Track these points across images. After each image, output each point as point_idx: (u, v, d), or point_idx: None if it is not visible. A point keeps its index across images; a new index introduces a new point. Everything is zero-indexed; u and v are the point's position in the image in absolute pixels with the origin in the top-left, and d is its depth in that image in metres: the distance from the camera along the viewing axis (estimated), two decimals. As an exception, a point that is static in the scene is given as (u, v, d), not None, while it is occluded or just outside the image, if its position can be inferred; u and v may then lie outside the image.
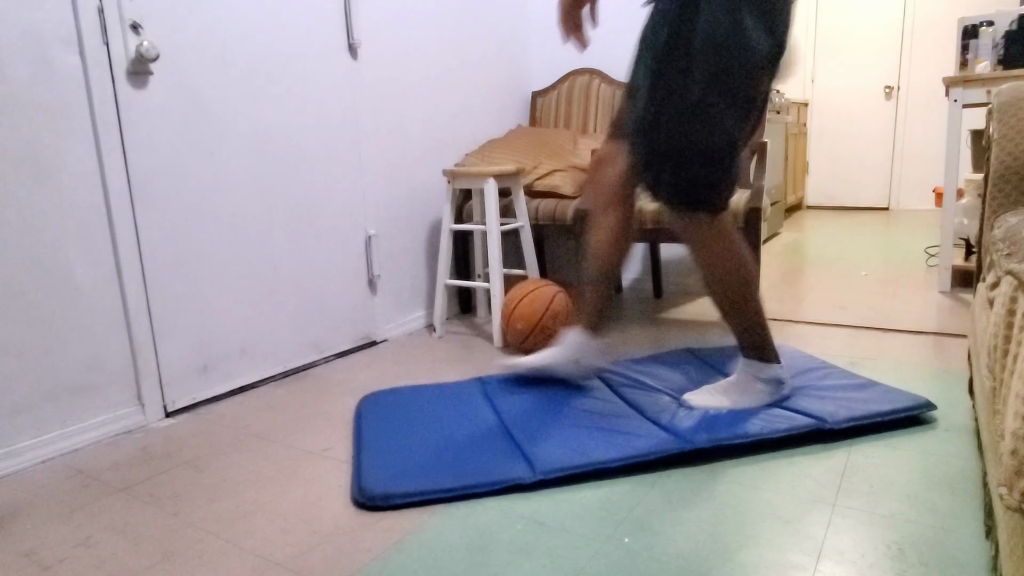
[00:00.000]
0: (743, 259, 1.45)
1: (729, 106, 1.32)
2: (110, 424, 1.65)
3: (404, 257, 2.51)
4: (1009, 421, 0.68)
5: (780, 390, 1.53)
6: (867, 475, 1.29)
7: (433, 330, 2.52)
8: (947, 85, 2.59)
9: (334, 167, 2.19)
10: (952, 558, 1.02)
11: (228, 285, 1.90)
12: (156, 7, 1.67)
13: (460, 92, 2.75)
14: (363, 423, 1.59)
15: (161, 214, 1.72)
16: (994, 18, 2.66)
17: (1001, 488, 0.67)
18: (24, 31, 1.44)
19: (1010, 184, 1.38)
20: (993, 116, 1.42)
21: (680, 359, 1.95)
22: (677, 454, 1.36)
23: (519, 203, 2.45)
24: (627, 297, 2.96)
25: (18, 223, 1.46)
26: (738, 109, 1.34)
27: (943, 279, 2.73)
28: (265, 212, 1.98)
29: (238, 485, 1.37)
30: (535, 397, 1.68)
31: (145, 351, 1.70)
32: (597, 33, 3.00)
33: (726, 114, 1.33)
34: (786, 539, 1.10)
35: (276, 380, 2.03)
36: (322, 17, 2.11)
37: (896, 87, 5.65)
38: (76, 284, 1.57)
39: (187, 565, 1.10)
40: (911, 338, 2.14)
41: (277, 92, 1.99)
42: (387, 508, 1.24)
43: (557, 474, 1.29)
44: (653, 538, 1.12)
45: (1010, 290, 0.87)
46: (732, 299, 1.47)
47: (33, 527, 1.24)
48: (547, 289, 2.14)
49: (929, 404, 1.51)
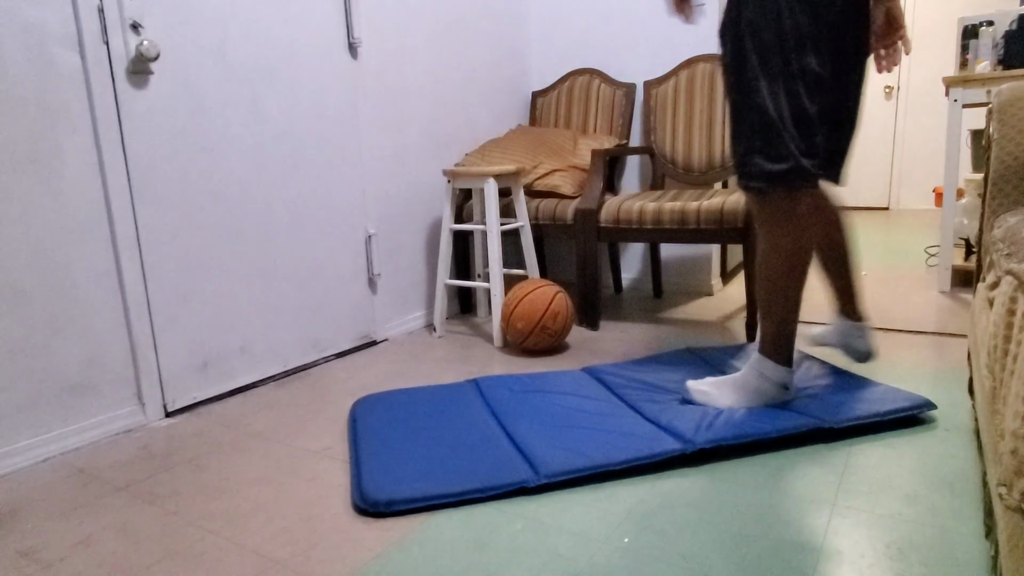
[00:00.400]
0: (801, 252, 1.44)
1: (772, 81, 1.39)
2: (110, 423, 1.65)
3: (404, 257, 2.51)
4: (1009, 421, 0.68)
5: (784, 395, 1.54)
6: (867, 475, 1.29)
7: (433, 330, 2.52)
8: (947, 85, 2.59)
9: (334, 166, 2.19)
10: (952, 558, 1.03)
11: (228, 284, 1.90)
12: (156, 7, 1.67)
13: (460, 92, 2.75)
14: (359, 427, 1.57)
15: (161, 213, 1.72)
16: (994, 18, 2.66)
17: (1001, 488, 0.67)
18: (24, 30, 1.44)
19: (1010, 184, 1.38)
20: (993, 116, 1.42)
21: (680, 359, 1.95)
22: (678, 455, 1.36)
23: (519, 203, 2.45)
24: (627, 297, 2.96)
25: (18, 221, 1.46)
26: (784, 84, 1.39)
27: (943, 279, 2.73)
28: (265, 211, 1.98)
29: (238, 484, 1.37)
30: (531, 399, 1.68)
31: (145, 350, 1.70)
32: (597, 33, 3.00)
33: (770, 89, 1.40)
34: (786, 539, 1.10)
35: (276, 379, 2.03)
36: (322, 16, 2.11)
37: (896, 87, 5.65)
38: (76, 283, 1.57)
39: (187, 564, 1.10)
40: (911, 338, 2.14)
41: (277, 91, 1.99)
42: (390, 515, 1.23)
43: (561, 477, 1.29)
44: (653, 538, 1.12)
45: (1010, 290, 0.87)
46: (776, 286, 1.47)
47: (33, 526, 1.24)
48: (547, 289, 2.15)
49: (929, 403, 1.51)
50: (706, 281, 2.93)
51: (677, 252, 2.98)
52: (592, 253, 2.37)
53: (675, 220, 2.22)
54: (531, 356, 2.14)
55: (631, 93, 2.85)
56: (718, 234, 2.17)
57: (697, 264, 2.94)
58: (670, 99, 2.72)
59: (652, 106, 2.78)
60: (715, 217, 2.15)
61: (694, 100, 2.66)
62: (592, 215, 2.34)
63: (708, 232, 2.18)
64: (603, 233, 2.37)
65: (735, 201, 2.13)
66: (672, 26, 2.82)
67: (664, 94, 2.74)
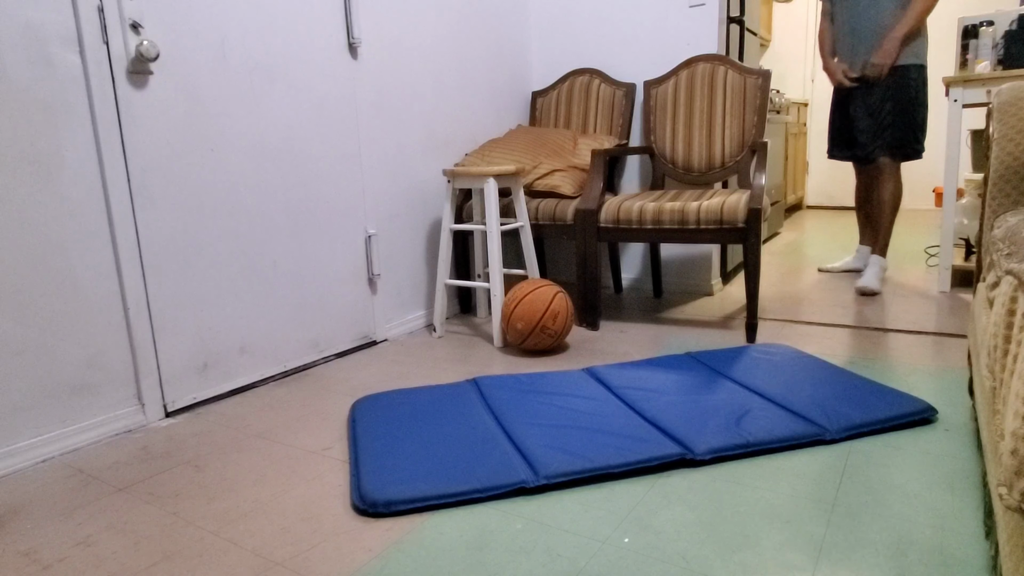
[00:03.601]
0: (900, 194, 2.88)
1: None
2: (110, 423, 1.65)
3: (404, 256, 2.51)
4: (1009, 421, 0.68)
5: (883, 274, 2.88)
6: (867, 475, 1.29)
7: (433, 330, 2.52)
8: (947, 85, 2.59)
9: (334, 166, 2.19)
10: (952, 558, 1.03)
11: (228, 284, 1.90)
12: (156, 6, 1.67)
13: (460, 92, 2.75)
14: (358, 427, 1.57)
15: (161, 213, 1.72)
16: (994, 18, 2.66)
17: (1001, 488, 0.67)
18: (24, 30, 1.44)
19: (1010, 184, 1.38)
20: (993, 116, 1.42)
21: (680, 361, 1.95)
22: (678, 458, 1.36)
23: (519, 203, 2.45)
24: (627, 297, 2.96)
25: (18, 221, 1.46)
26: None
27: (943, 279, 2.73)
28: (265, 211, 1.98)
29: (238, 485, 1.37)
30: (531, 399, 1.68)
31: (145, 350, 1.70)
32: (597, 33, 3.00)
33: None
34: (786, 539, 1.10)
35: (276, 379, 2.03)
36: (322, 16, 2.11)
37: (896, 87, 5.64)
38: (76, 282, 1.57)
39: (187, 564, 1.10)
40: (911, 338, 2.14)
41: (277, 91, 1.99)
42: (390, 515, 1.23)
43: (561, 479, 1.29)
44: (653, 538, 1.12)
45: (1010, 290, 0.87)
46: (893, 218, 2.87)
47: (33, 526, 1.24)
48: (547, 289, 2.14)
49: (931, 409, 1.50)
50: (706, 281, 2.93)
51: (677, 252, 2.98)
52: (592, 253, 2.37)
53: (675, 220, 2.22)
54: (531, 356, 2.14)
55: (631, 93, 2.84)
56: (718, 234, 2.17)
57: (697, 264, 2.94)
58: (670, 99, 2.72)
59: (652, 106, 2.78)
60: (715, 217, 2.15)
61: (694, 100, 2.66)
62: (592, 215, 2.34)
63: (708, 232, 2.18)
64: (603, 233, 2.37)
65: (735, 201, 2.13)
66: (672, 26, 2.82)
67: (664, 94, 2.74)
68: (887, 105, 2.73)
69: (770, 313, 2.53)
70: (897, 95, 2.70)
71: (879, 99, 2.75)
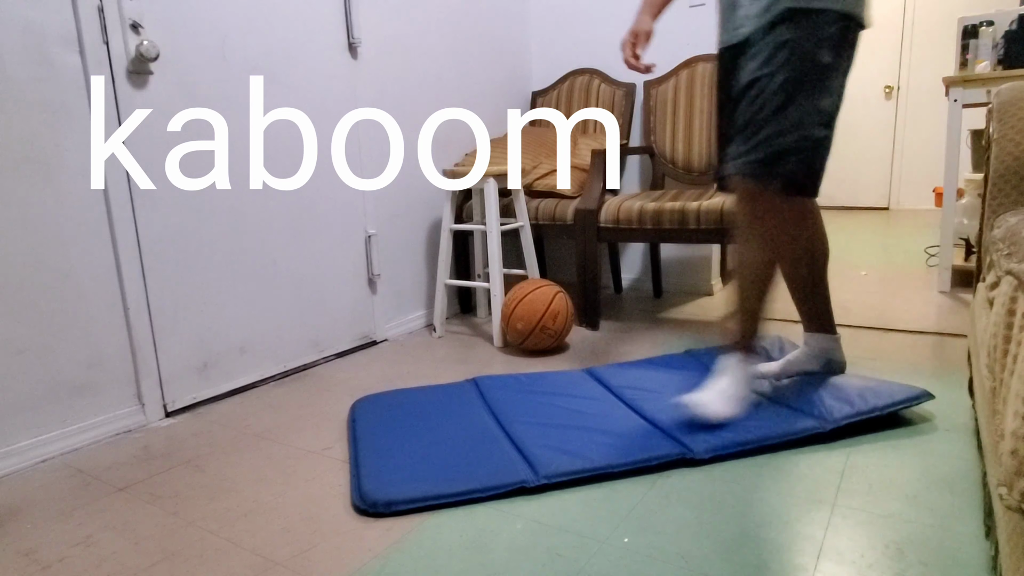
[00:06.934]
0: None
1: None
2: (110, 423, 1.65)
3: (404, 257, 2.51)
4: (1009, 421, 0.68)
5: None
6: (867, 475, 1.29)
7: (433, 330, 2.52)
8: (947, 85, 2.59)
9: (334, 166, 2.19)
10: (952, 558, 1.03)
11: (228, 284, 1.90)
12: (156, 7, 1.67)
13: (460, 92, 2.75)
14: (358, 427, 1.57)
15: (161, 213, 1.72)
16: (994, 18, 2.66)
17: (1001, 488, 0.67)
18: (24, 30, 1.44)
19: (1010, 184, 1.38)
20: (993, 116, 1.42)
21: (680, 360, 1.95)
22: (678, 458, 1.36)
23: (519, 203, 2.45)
24: (627, 297, 2.96)
25: (18, 221, 1.46)
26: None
27: (943, 279, 2.73)
28: (265, 211, 1.98)
29: (238, 485, 1.37)
30: (531, 399, 1.68)
31: (145, 350, 1.70)
32: (596, 33, 3.00)
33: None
34: (786, 539, 1.10)
35: (276, 379, 2.03)
36: (322, 16, 2.11)
37: (896, 87, 5.65)
38: (76, 282, 1.57)
39: (187, 564, 1.10)
40: (911, 338, 2.14)
41: (277, 91, 1.99)
42: (390, 515, 1.23)
43: (561, 478, 1.29)
44: (653, 538, 1.12)
45: (1010, 290, 0.87)
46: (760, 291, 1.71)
47: (33, 526, 1.24)
48: (547, 289, 2.15)
49: (927, 394, 1.51)
50: (706, 281, 2.93)
51: (677, 252, 2.98)
52: (592, 253, 2.37)
53: (675, 220, 2.22)
54: (531, 356, 2.14)
55: (631, 93, 2.84)
56: (718, 234, 2.17)
57: (697, 264, 2.94)
58: (670, 99, 2.72)
59: (652, 106, 2.78)
60: (715, 217, 2.15)
61: (694, 100, 2.66)
62: (592, 215, 2.34)
63: (708, 232, 2.18)
64: (603, 233, 2.37)
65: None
66: (672, 26, 2.82)
67: (664, 94, 2.74)
68: (763, 81, 1.39)
69: (770, 313, 2.53)
70: (786, 63, 1.36)
71: (753, 68, 1.41)
